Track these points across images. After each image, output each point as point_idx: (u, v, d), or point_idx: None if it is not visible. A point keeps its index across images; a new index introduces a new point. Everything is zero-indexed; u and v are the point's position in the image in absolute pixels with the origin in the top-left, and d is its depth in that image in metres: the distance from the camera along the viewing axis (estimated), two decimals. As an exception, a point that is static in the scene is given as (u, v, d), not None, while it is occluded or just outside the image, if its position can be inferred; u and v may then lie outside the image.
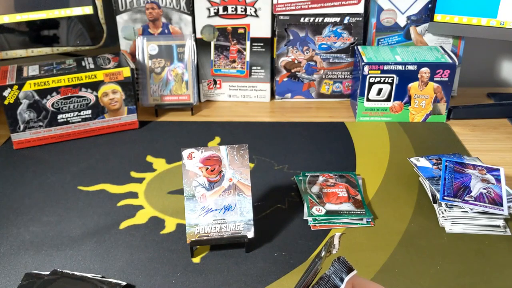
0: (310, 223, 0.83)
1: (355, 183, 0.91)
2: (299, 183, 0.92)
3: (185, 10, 1.19)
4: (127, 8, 1.18)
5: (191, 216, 0.76)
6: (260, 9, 1.18)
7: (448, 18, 1.17)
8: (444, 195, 0.83)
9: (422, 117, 1.16)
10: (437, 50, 1.16)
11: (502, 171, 0.87)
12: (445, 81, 1.12)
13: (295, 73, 1.25)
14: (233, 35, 1.21)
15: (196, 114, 1.21)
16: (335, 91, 1.27)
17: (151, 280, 0.72)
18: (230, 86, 1.27)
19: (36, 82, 1.02)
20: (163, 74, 1.19)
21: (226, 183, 0.77)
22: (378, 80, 1.12)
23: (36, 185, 0.94)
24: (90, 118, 1.09)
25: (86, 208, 0.88)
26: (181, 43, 1.18)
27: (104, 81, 1.07)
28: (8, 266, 0.75)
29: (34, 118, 1.05)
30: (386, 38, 1.23)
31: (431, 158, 0.95)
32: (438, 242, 0.79)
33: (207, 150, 0.77)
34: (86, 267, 0.75)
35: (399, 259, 0.76)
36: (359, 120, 1.17)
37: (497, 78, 1.43)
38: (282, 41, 1.21)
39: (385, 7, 1.20)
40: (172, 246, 0.79)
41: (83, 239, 0.81)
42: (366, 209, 0.85)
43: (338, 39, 1.21)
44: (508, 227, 0.81)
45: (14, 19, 1.12)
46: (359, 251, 0.77)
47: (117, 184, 0.94)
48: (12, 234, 0.82)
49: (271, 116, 1.21)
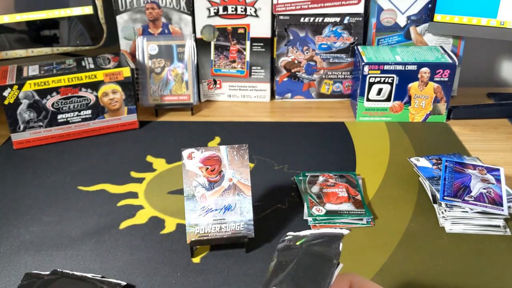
0: (310, 223, 0.83)
1: (355, 183, 0.91)
2: (299, 183, 0.92)
3: (185, 10, 1.19)
4: (127, 8, 1.18)
5: (191, 216, 0.76)
6: (260, 9, 1.18)
7: (448, 18, 1.17)
8: (444, 195, 0.83)
9: (422, 117, 1.16)
10: (437, 50, 1.16)
11: (502, 171, 0.87)
12: (445, 81, 1.12)
13: (295, 73, 1.25)
14: (233, 35, 1.21)
15: (196, 114, 1.21)
16: (335, 91, 1.27)
17: (151, 280, 0.72)
18: (230, 86, 1.27)
19: (36, 82, 1.02)
20: (163, 74, 1.19)
21: (226, 183, 0.77)
22: (378, 80, 1.12)
23: (36, 185, 0.94)
24: (90, 118, 1.09)
25: (86, 208, 0.88)
26: (181, 43, 1.18)
27: (104, 81, 1.07)
28: (8, 266, 0.75)
29: (34, 118, 1.05)
30: (386, 38, 1.23)
31: (431, 158, 0.95)
32: (438, 242, 0.79)
33: (207, 150, 0.77)
34: (86, 267, 0.75)
35: (399, 259, 0.76)
36: (359, 120, 1.17)
37: (497, 78, 1.43)
38: (282, 41, 1.21)
39: (385, 7, 1.20)
40: (172, 246, 0.79)
41: (83, 239, 0.81)
42: (366, 209, 0.85)
43: (338, 39, 1.21)
44: (508, 227, 0.81)
45: (14, 19, 1.12)
46: (359, 251, 0.77)
47: (117, 184, 0.94)
48: (12, 234, 0.82)
49: (271, 116, 1.21)
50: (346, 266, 0.74)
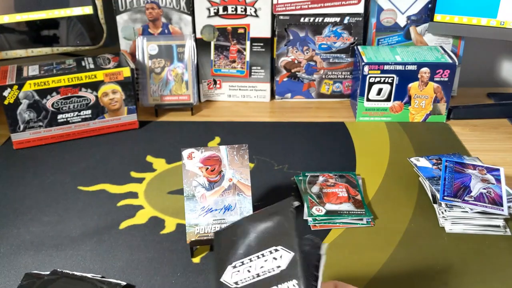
0: (310, 223, 0.83)
1: (355, 183, 0.91)
2: (299, 183, 0.92)
3: (185, 10, 1.19)
4: (127, 8, 1.18)
5: (191, 216, 0.76)
6: (260, 9, 1.18)
7: (448, 18, 1.17)
8: (444, 195, 0.83)
9: (422, 117, 1.16)
10: (437, 50, 1.16)
11: (502, 171, 0.87)
12: (445, 81, 1.12)
13: (295, 73, 1.25)
14: (233, 35, 1.21)
15: (196, 114, 1.21)
16: (335, 91, 1.27)
17: (151, 280, 0.72)
18: (230, 86, 1.27)
19: (36, 82, 1.02)
20: (163, 74, 1.19)
21: (226, 183, 0.77)
22: (378, 80, 1.12)
23: (36, 185, 0.94)
24: (90, 118, 1.09)
25: (86, 208, 0.88)
26: (181, 43, 1.18)
27: (104, 81, 1.07)
28: (8, 266, 0.75)
29: (34, 118, 1.05)
30: (386, 38, 1.23)
31: (431, 158, 0.95)
32: (438, 242, 0.79)
33: (207, 150, 0.77)
34: (86, 267, 0.75)
35: (399, 259, 0.76)
36: (359, 120, 1.17)
37: (497, 78, 1.43)
38: (282, 41, 1.21)
39: (385, 7, 1.20)
40: (172, 246, 0.79)
41: (83, 239, 0.81)
42: (366, 209, 0.85)
43: (338, 39, 1.21)
44: (508, 227, 0.81)
45: (14, 19, 1.12)
46: (359, 251, 0.77)
47: (117, 184, 0.94)
48: (12, 234, 0.82)
49: (271, 116, 1.21)
50: (346, 266, 0.74)
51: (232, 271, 0.48)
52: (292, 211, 0.48)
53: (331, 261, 0.75)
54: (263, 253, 0.47)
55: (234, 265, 0.48)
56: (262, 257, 0.47)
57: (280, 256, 0.46)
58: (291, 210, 0.48)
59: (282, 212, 0.49)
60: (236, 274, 0.47)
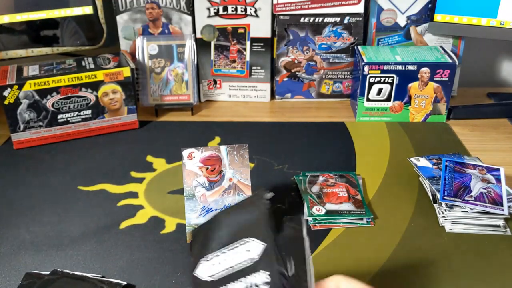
0: (310, 223, 0.83)
1: (355, 183, 0.91)
2: (299, 183, 0.92)
3: (185, 10, 1.19)
4: (127, 8, 1.18)
5: (191, 216, 0.76)
6: (260, 9, 1.18)
7: (448, 18, 1.17)
8: (444, 195, 0.83)
9: (422, 117, 1.16)
10: (437, 50, 1.16)
11: (502, 171, 0.87)
12: (445, 81, 1.12)
13: (295, 73, 1.25)
14: (233, 35, 1.21)
15: (196, 114, 1.21)
16: (335, 91, 1.27)
17: (151, 280, 0.72)
18: (230, 86, 1.27)
19: (36, 82, 1.02)
20: (163, 74, 1.19)
21: (226, 183, 0.77)
22: (378, 80, 1.12)
23: (36, 185, 0.94)
24: (90, 118, 1.09)
25: (86, 208, 0.88)
26: (181, 43, 1.18)
27: (104, 81, 1.07)
28: (8, 266, 0.75)
29: (34, 118, 1.05)
30: (386, 38, 1.23)
31: (431, 158, 0.95)
32: (438, 242, 0.79)
33: (207, 150, 0.77)
34: (86, 267, 0.75)
35: (399, 258, 0.76)
36: (359, 120, 1.17)
37: (497, 78, 1.43)
38: (282, 41, 1.21)
39: (385, 7, 1.20)
40: (172, 246, 0.79)
41: (83, 239, 0.81)
42: (366, 209, 0.85)
43: (338, 39, 1.21)
44: (508, 227, 0.81)
45: (14, 19, 1.12)
46: (359, 251, 0.77)
47: (117, 184, 0.94)
48: (12, 234, 0.82)
49: (271, 116, 1.21)
50: (346, 266, 0.74)
51: (206, 264, 0.48)
52: (264, 203, 0.48)
53: (331, 261, 0.75)
54: (236, 245, 0.47)
55: (207, 258, 0.48)
56: (234, 249, 0.47)
57: (252, 247, 0.46)
58: (263, 202, 0.49)
59: (255, 204, 0.49)
60: (210, 267, 0.47)
